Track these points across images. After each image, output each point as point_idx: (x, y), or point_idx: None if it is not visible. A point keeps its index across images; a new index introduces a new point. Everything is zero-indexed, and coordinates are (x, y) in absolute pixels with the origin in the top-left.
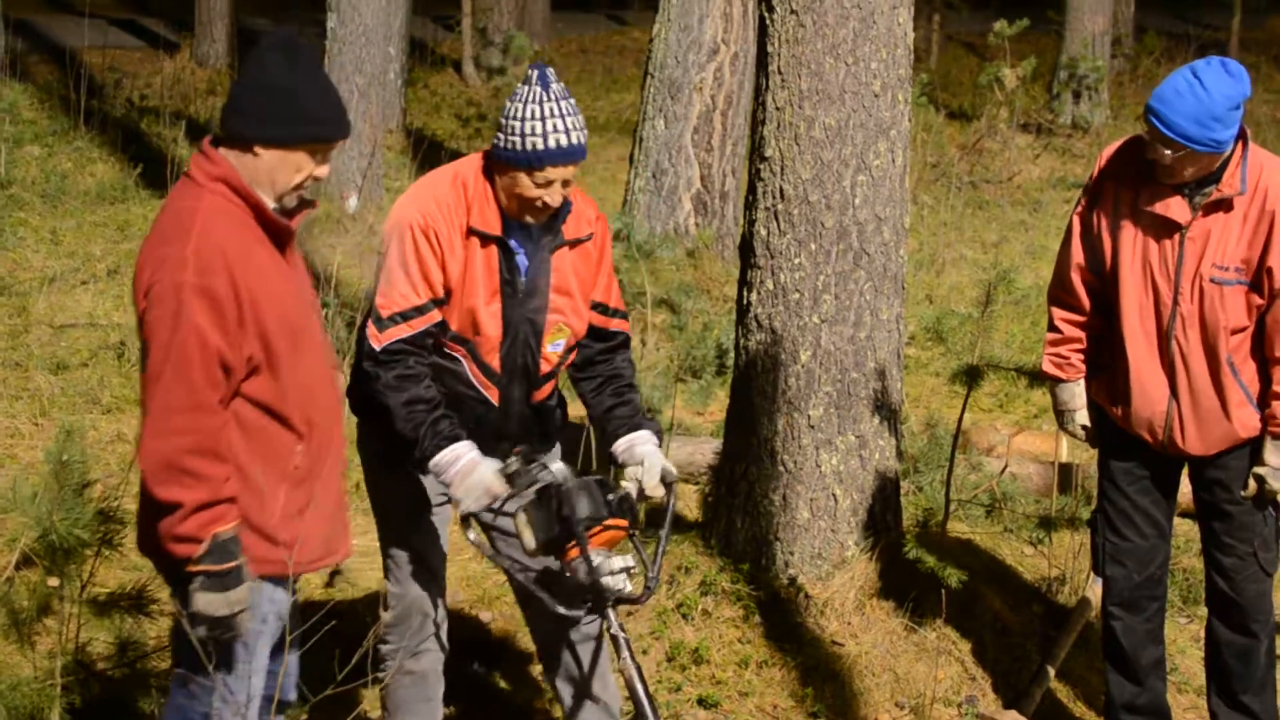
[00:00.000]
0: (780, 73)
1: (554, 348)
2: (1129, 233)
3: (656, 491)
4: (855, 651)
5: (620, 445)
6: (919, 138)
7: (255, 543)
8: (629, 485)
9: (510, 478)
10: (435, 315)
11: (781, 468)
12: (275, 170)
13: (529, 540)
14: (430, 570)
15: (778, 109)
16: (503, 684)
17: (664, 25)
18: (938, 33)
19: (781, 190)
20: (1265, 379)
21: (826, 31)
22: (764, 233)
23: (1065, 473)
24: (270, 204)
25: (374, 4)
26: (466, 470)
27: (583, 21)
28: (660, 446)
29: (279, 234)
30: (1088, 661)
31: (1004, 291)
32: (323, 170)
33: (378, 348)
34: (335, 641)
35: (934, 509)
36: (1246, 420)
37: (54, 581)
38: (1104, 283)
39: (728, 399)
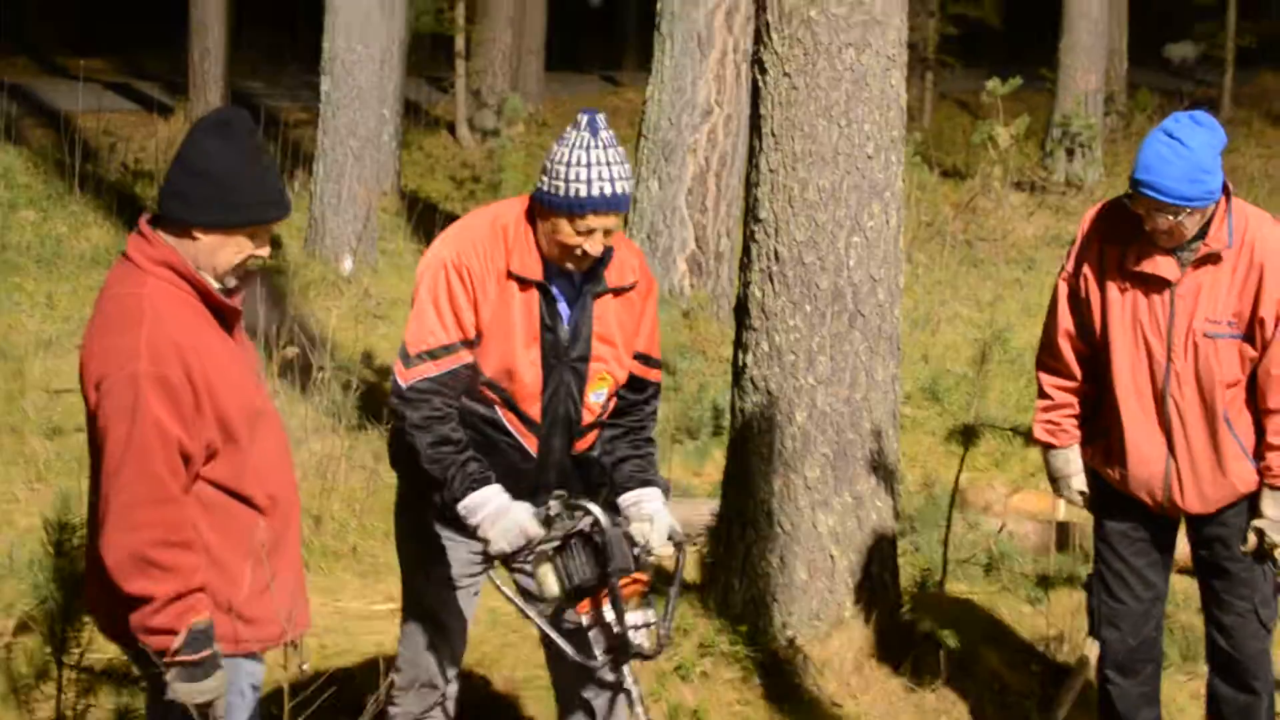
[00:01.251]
0: (774, 135)
1: (597, 397)
2: (1117, 294)
3: (663, 550)
4: (854, 712)
5: (628, 499)
6: (913, 196)
7: (225, 621)
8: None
9: (547, 521)
10: (464, 356)
11: (778, 529)
12: (216, 253)
13: (551, 588)
14: (448, 642)
15: (771, 171)
16: None
17: (657, 87)
18: (931, 91)
19: (776, 252)
20: (1259, 430)
21: (819, 94)
22: (759, 294)
23: (1063, 531)
24: (213, 285)
25: (368, 67)
26: (499, 512)
27: (576, 82)
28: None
29: (226, 315)
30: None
31: (999, 350)
32: (263, 250)
33: (404, 385)
34: (336, 710)
35: (932, 568)
36: (1243, 474)
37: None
38: (1093, 347)
39: (724, 460)
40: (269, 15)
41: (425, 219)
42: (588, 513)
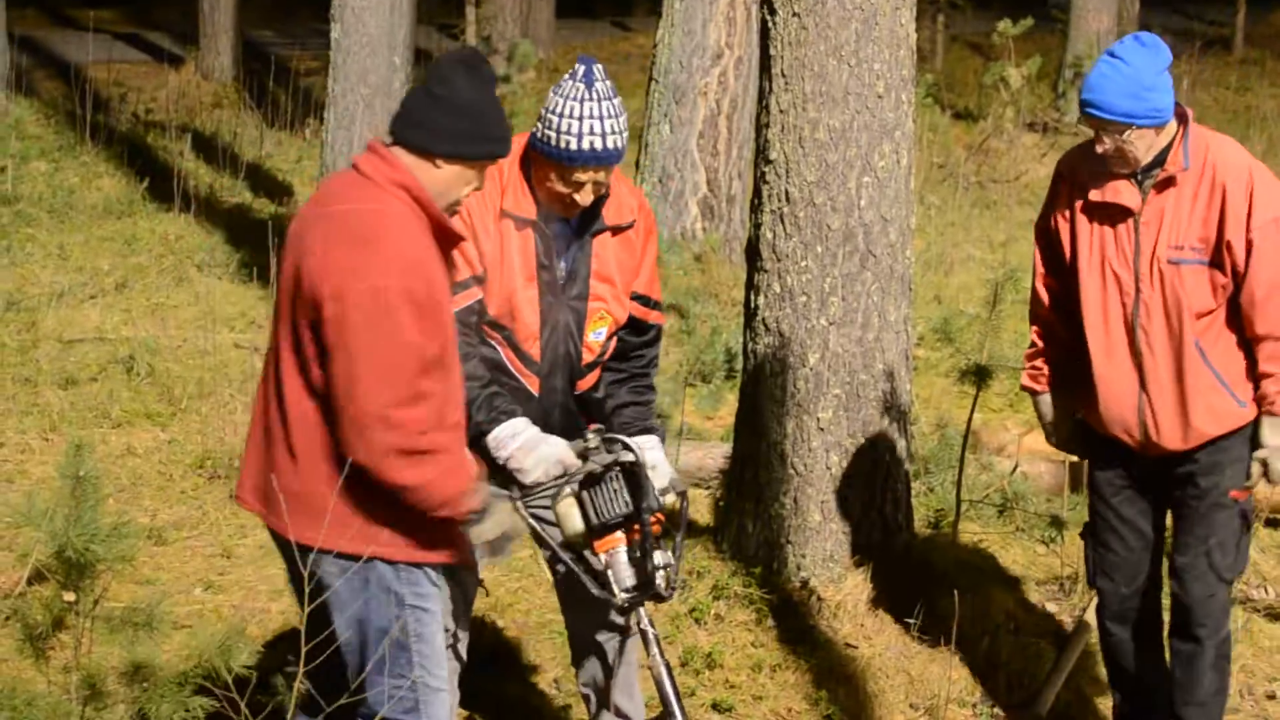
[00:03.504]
0: (784, 75)
1: (596, 336)
2: (1084, 229)
3: (665, 498)
4: (868, 654)
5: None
6: (925, 138)
7: (406, 528)
8: None
9: (583, 454)
10: (476, 292)
11: (792, 471)
12: (450, 183)
13: (575, 524)
14: (460, 585)
15: (781, 112)
16: (516, 693)
17: (668, 31)
18: (942, 33)
19: (787, 193)
20: (1251, 360)
21: (829, 33)
22: (770, 236)
23: (1076, 471)
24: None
25: (378, 14)
26: (532, 442)
27: (587, 28)
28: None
29: (448, 243)
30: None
31: (1011, 291)
32: (480, 187)
33: None
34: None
35: (945, 510)
36: (1220, 408)
37: (69, 596)
38: (1067, 288)
39: (737, 403)
40: None
41: None
42: (627, 448)
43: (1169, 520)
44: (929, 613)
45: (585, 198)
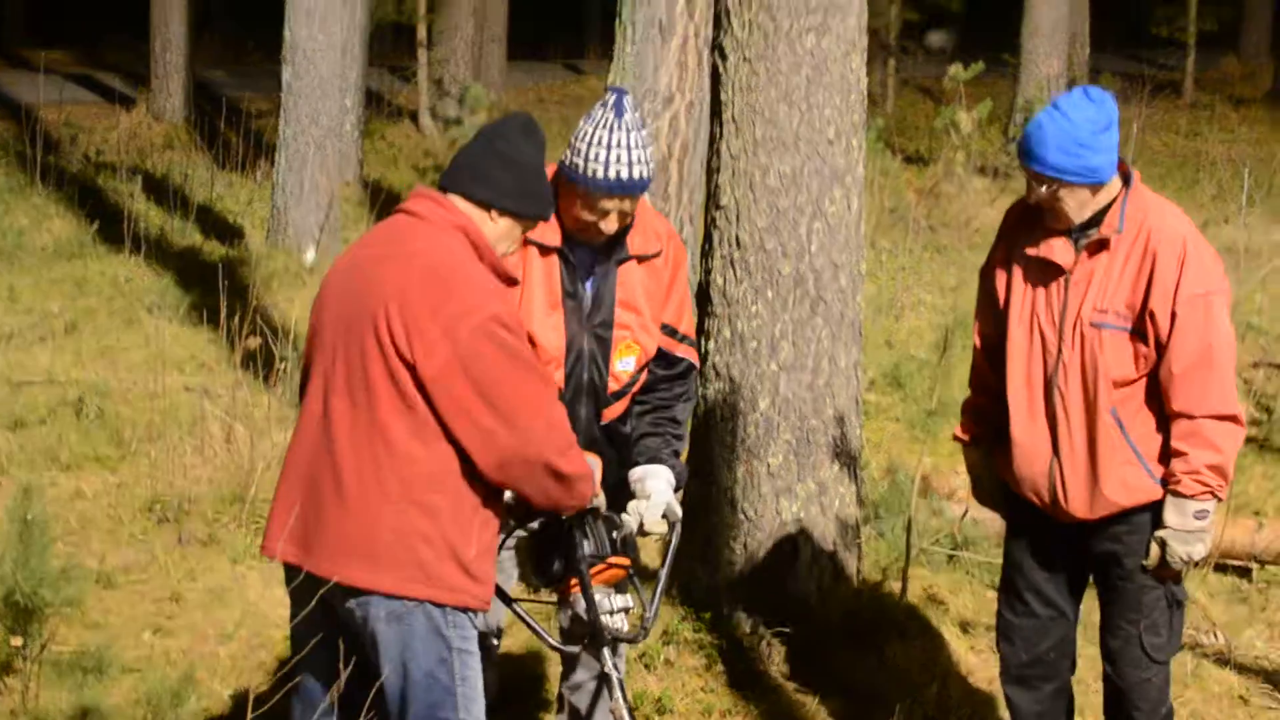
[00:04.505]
0: (734, 121)
1: (623, 365)
2: (1019, 283)
3: (656, 527)
4: (818, 700)
5: (635, 474)
6: (875, 183)
7: (455, 573)
8: (630, 519)
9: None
10: None
11: (742, 516)
12: (502, 238)
13: (513, 574)
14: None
15: (732, 157)
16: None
17: (619, 74)
18: (893, 77)
19: (737, 238)
20: (1165, 436)
21: (780, 79)
22: (720, 281)
23: None
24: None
25: (329, 56)
26: None
27: (539, 70)
28: (677, 490)
29: (506, 284)
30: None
31: (962, 335)
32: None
33: None
34: None
35: (896, 555)
36: (1133, 482)
37: (17, 641)
38: (1001, 338)
39: (687, 448)
40: (230, 5)
41: (388, 209)
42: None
43: (1078, 583)
44: (879, 658)
45: (610, 226)
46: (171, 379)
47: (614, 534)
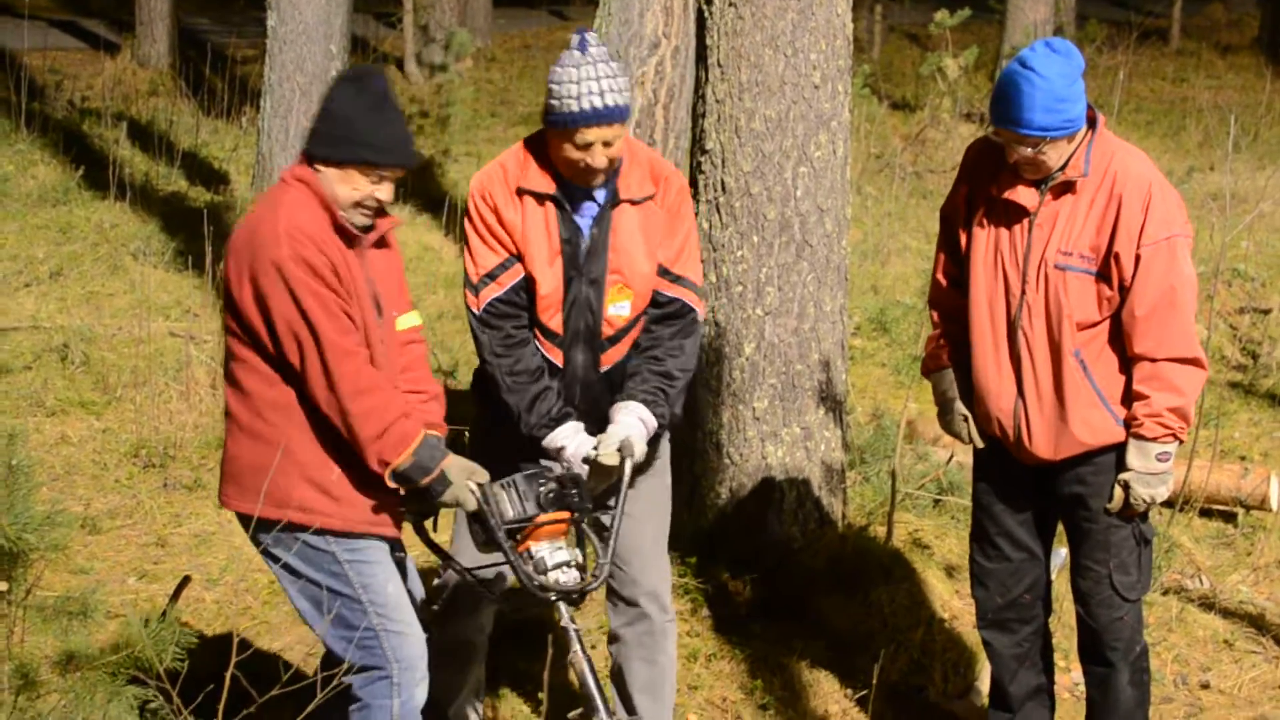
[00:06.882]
0: (720, 65)
1: (616, 309)
2: (983, 224)
3: (608, 460)
4: (803, 643)
5: (612, 412)
6: (862, 129)
7: (313, 496)
8: (588, 451)
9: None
10: (520, 270)
11: (728, 460)
12: (334, 186)
13: (475, 540)
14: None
15: (718, 102)
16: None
17: (605, 20)
18: (880, 23)
19: (723, 183)
20: (1128, 378)
21: (765, 23)
22: (706, 226)
23: None
24: (338, 210)
25: (314, 2)
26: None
27: (525, 17)
28: (658, 431)
29: (347, 238)
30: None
31: None
32: (383, 193)
33: (477, 310)
34: None
35: (881, 500)
36: (1097, 424)
37: (2, 585)
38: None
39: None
40: None
41: None
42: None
43: (1047, 524)
44: (864, 602)
45: (598, 159)
46: (156, 325)
47: (541, 489)
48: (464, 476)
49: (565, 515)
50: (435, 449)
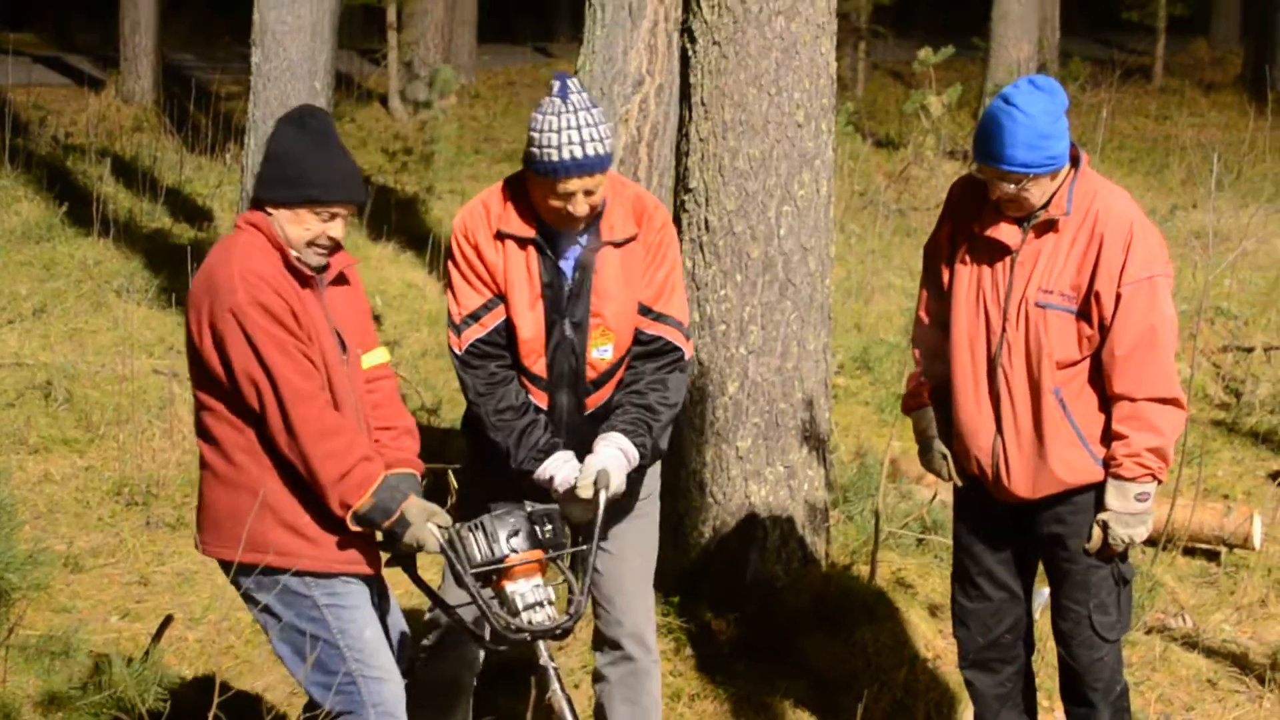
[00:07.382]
0: (704, 104)
1: (599, 353)
2: (965, 261)
3: (583, 492)
4: (787, 683)
5: (594, 444)
6: (845, 166)
7: (287, 538)
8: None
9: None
10: (503, 311)
11: (711, 499)
12: (286, 227)
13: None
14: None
15: (701, 140)
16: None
17: (588, 57)
18: (863, 61)
19: (706, 221)
20: (1108, 417)
21: (749, 62)
22: (690, 264)
23: None
24: (290, 252)
25: (299, 39)
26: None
27: (509, 54)
28: (641, 465)
29: (303, 280)
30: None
31: None
32: (334, 230)
33: (460, 351)
34: None
35: (864, 538)
36: (1076, 463)
37: None
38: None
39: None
40: None
41: None
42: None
43: (1027, 564)
44: (847, 641)
45: (579, 209)
46: (140, 362)
47: (510, 528)
48: (424, 518)
49: (536, 555)
50: (395, 490)
